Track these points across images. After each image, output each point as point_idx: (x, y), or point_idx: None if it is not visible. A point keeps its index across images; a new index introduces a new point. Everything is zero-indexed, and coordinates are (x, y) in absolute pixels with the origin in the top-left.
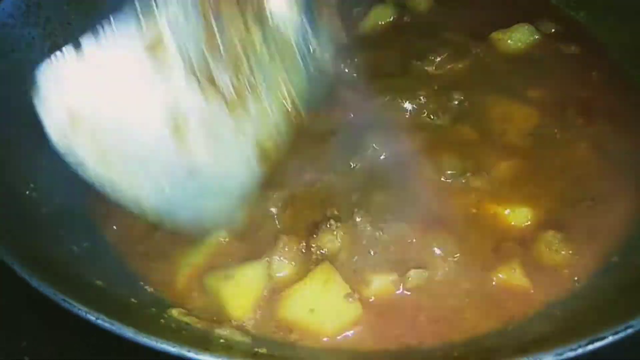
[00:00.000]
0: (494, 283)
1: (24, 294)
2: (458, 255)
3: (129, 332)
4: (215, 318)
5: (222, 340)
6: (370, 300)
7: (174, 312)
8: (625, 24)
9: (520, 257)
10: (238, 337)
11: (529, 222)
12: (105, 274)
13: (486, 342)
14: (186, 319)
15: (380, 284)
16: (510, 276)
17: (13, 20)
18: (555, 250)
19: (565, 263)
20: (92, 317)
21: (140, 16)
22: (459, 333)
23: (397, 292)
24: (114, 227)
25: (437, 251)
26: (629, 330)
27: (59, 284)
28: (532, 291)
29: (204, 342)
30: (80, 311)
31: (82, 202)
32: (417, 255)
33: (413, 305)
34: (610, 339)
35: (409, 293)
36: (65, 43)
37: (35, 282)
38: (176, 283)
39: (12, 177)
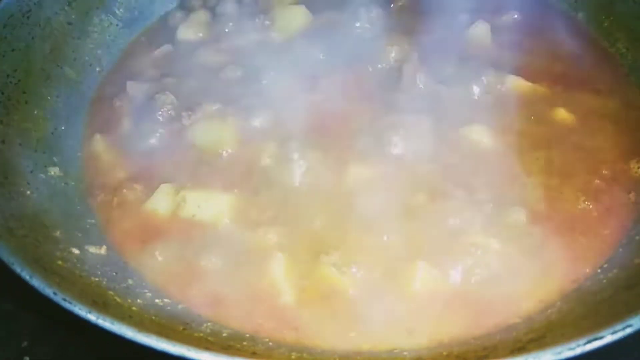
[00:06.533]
0: None
1: (24, 294)
2: None
3: (129, 332)
4: None
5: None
6: None
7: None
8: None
9: None
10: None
11: None
12: (106, 274)
13: (485, 340)
14: None
15: None
16: None
17: (13, 20)
18: None
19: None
20: (92, 317)
21: None
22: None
23: None
24: (115, 227)
25: None
26: (628, 330)
27: (60, 284)
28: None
29: (203, 342)
30: (80, 311)
31: (82, 202)
32: None
33: None
34: (609, 338)
35: None
36: (65, 44)
37: (35, 282)
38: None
39: (12, 177)
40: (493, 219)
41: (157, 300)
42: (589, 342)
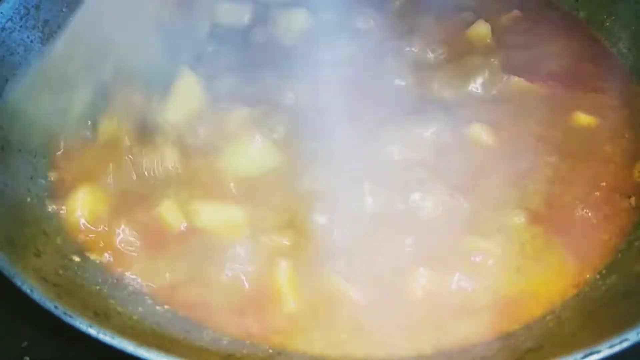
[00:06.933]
0: None
1: (24, 294)
2: None
3: (129, 347)
4: None
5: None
6: None
7: None
8: None
9: None
10: None
11: None
12: (107, 281)
13: (484, 348)
14: None
15: None
16: None
17: (12, 24)
18: None
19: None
20: (93, 332)
21: None
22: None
23: None
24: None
25: None
26: (625, 344)
27: (60, 295)
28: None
29: (204, 353)
30: (81, 325)
31: None
32: None
33: None
34: (605, 352)
35: None
36: None
37: (36, 296)
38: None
39: (12, 184)
40: (494, 223)
41: (157, 308)
42: (586, 356)
